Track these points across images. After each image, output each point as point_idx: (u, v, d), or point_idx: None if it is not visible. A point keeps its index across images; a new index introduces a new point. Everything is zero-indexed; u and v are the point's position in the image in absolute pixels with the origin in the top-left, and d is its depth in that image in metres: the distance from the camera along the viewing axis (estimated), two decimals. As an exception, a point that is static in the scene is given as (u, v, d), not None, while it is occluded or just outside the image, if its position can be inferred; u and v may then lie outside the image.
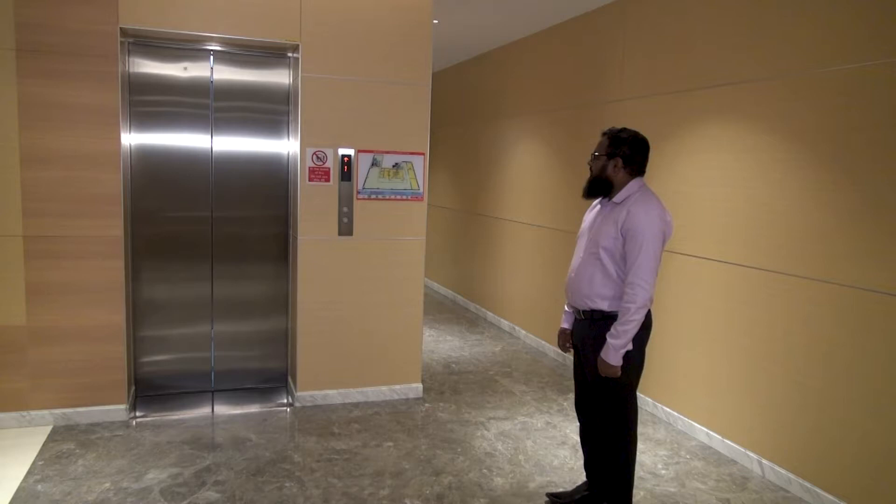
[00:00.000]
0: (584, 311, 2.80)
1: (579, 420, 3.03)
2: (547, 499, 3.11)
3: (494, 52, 6.69)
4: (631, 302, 2.59)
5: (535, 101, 5.88)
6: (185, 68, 4.00)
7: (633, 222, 2.60)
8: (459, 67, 7.66)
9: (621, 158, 2.71)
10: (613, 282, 2.70)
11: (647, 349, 2.78)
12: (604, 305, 2.72)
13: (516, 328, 6.18)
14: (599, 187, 2.78)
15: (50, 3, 3.52)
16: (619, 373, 2.65)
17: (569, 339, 3.00)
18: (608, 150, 2.74)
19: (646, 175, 2.79)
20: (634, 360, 2.71)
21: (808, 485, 3.20)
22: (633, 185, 2.72)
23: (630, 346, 2.65)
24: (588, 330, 2.79)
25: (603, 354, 2.66)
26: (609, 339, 2.64)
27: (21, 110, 3.53)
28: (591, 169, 2.82)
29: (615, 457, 2.78)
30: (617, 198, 2.73)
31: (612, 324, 2.67)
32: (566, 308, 3.01)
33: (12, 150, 3.54)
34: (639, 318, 2.60)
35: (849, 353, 3.00)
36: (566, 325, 3.02)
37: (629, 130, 2.75)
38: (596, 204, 2.89)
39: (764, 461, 3.44)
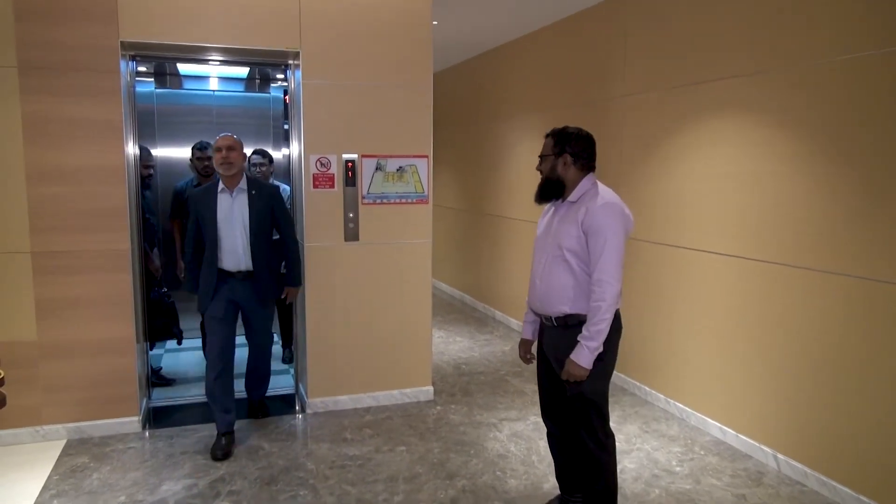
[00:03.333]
0: (556, 318, 2.68)
1: (549, 428, 2.93)
2: None
3: (496, 51, 6.67)
4: (601, 300, 2.51)
5: (538, 99, 5.86)
6: None
7: (594, 219, 2.54)
8: (461, 67, 7.65)
9: (570, 155, 2.65)
10: (583, 282, 2.61)
11: (657, 344, 2.70)
12: (577, 309, 2.62)
13: (525, 327, 6.16)
14: (552, 189, 2.70)
15: (49, 20, 3.52)
16: (587, 375, 2.56)
17: (530, 350, 2.94)
18: (555, 149, 2.67)
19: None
20: (608, 364, 2.63)
21: (824, 478, 3.17)
22: (586, 182, 2.66)
23: (601, 349, 2.56)
24: (562, 339, 2.68)
25: (574, 357, 2.55)
26: (583, 342, 2.54)
27: (25, 127, 3.54)
28: (540, 172, 2.75)
29: (595, 466, 2.69)
30: (572, 196, 2.65)
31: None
32: (527, 318, 2.93)
33: (18, 166, 3.56)
34: (610, 316, 2.52)
35: (860, 345, 2.98)
36: (528, 336, 2.95)
37: (572, 127, 2.70)
38: (549, 208, 2.81)
39: (779, 455, 3.42)
